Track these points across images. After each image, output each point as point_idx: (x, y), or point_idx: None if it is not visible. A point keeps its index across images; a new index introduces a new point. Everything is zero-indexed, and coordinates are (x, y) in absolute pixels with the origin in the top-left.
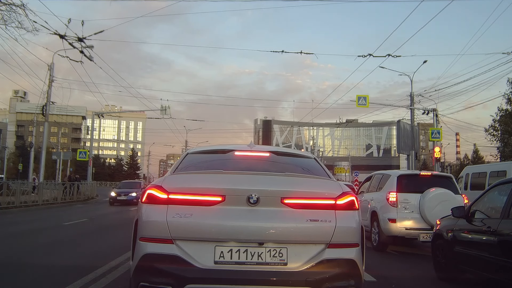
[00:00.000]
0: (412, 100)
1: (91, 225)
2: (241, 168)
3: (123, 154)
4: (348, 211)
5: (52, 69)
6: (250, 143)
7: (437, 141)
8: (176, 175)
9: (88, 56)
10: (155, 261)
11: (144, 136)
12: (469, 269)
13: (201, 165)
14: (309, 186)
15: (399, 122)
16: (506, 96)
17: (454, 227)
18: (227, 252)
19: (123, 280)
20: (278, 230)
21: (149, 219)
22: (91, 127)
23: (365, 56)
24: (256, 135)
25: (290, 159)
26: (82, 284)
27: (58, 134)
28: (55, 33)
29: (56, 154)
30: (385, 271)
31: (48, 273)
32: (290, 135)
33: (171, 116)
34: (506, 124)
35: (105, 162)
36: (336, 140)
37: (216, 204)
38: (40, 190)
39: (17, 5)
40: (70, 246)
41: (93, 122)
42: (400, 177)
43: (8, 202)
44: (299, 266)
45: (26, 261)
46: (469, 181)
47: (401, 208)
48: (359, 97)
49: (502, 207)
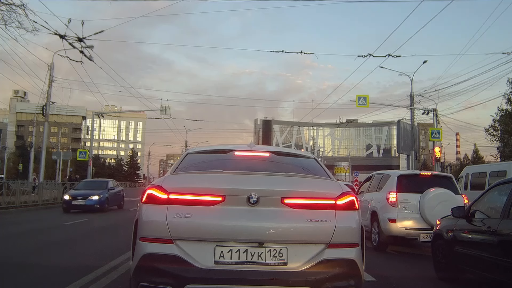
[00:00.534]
0: (412, 100)
1: (91, 225)
2: (241, 168)
3: (123, 154)
4: (348, 211)
5: (52, 69)
6: (250, 143)
7: (437, 141)
8: (176, 175)
9: (88, 56)
10: (155, 261)
11: (144, 136)
12: (469, 269)
13: (201, 165)
14: (309, 186)
15: (399, 122)
16: (506, 96)
17: (454, 227)
18: (227, 252)
19: (123, 280)
20: (278, 230)
21: (149, 219)
22: (91, 127)
23: (365, 56)
24: (256, 135)
25: (290, 159)
26: (82, 284)
27: (58, 134)
28: (55, 33)
29: (56, 154)
30: (385, 271)
31: (48, 273)
32: (290, 135)
33: (171, 116)
34: (506, 124)
35: (105, 162)
36: (336, 140)
37: (216, 204)
38: (40, 190)
39: (17, 5)
40: (70, 246)
41: (93, 122)
42: (400, 177)
43: (8, 202)
44: (299, 266)
45: (26, 261)
46: (469, 181)
47: (401, 208)
48: (359, 97)
49: (502, 207)
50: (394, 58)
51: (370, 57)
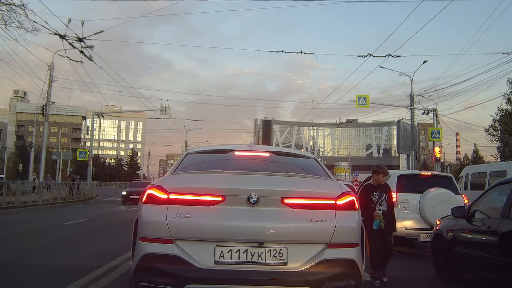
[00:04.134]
0: (412, 100)
1: (91, 225)
2: (241, 168)
3: (123, 154)
4: (348, 211)
5: (52, 69)
6: (250, 143)
7: (437, 141)
8: (176, 175)
9: (88, 56)
10: (155, 261)
11: (144, 136)
12: (469, 269)
13: (201, 165)
14: (309, 186)
15: (399, 122)
16: (506, 96)
17: (454, 227)
18: (227, 252)
19: (123, 280)
20: (278, 230)
21: (149, 219)
22: (91, 127)
23: (365, 56)
24: (256, 135)
25: (290, 159)
26: (82, 284)
27: (58, 134)
28: (55, 33)
29: (56, 154)
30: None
31: (49, 273)
32: (290, 135)
33: (171, 116)
34: (506, 124)
35: (105, 162)
36: (336, 140)
37: (216, 204)
38: (40, 190)
39: (17, 5)
40: (70, 246)
41: (93, 122)
42: (400, 177)
43: (8, 202)
44: (299, 266)
45: (26, 261)
46: (469, 181)
47: (401, 208)
48: (359, 97)
49: (502, 207)
50: (394, 58)
51: (370, 57)
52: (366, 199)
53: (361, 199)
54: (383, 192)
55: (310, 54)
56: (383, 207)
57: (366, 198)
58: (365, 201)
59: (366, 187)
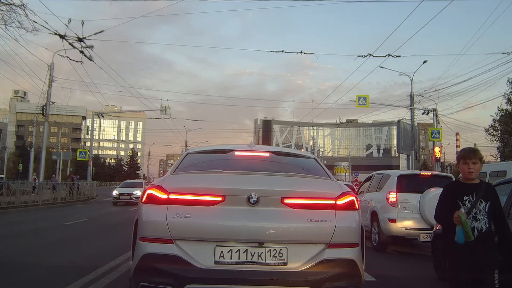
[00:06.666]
0: (412, 100)
1: (91, 225)
2: (241, 168)
3: (123, 154)
4: (348, 211)
5: (52, 69)
6: (250, 143)
7: (437, 141)
8: (176, 175)
9: (88, 56)
10: (155, 261)
11: (144, 136)
12: None
13: (201, 165)
14: (309, 186)
15: (399, 122)
16: (506, 96)
17: None
18: (227, 252)
19: (123, 280)
20: (278, 230)
21: (149, 219)
22: (91, 127)
23: (365, 56)
24: (256, 135)
25: (290, 159)
26: (82, 284)
27: (58, 134)
28: (55, 33)
29: (56, 154)
30: (385, 271)
31: (49, 273)
32: (290, 135)
33: (171, 116)
34: (506, 124)
35: (105, 162)
36: (336, 140)
37: (216, 204)
38: (40, 190)
39: (17, 5)
40: (70, 246)
41: (93, 122)
42: (400, 177)
43: (8, 202)
44: (299, 266)
45: (26, 261)
46: None
47: (401, 208)
48: (359, 97)
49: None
50: (394, 58)
51: (370, 57)
52: (448, 205)
53: (441, 205)
54: (480, 197)
55: (310, 54)
56: (480, 222)
57: (447, 204)
58: (445, 207)
59: (449, 187)
